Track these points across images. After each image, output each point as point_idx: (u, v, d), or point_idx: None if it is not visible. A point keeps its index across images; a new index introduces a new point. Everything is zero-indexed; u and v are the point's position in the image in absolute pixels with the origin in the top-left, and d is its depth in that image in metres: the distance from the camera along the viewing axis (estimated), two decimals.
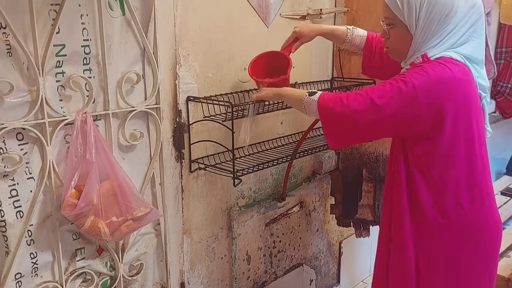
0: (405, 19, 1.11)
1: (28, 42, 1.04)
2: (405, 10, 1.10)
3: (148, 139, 1.34)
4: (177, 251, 1.48)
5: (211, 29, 1.46)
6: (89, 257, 1.26)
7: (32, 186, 1.12)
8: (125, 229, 1.19)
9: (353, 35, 1.39)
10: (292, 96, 1.27)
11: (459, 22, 1.09)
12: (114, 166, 1.17)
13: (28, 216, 1.11)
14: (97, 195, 1.12)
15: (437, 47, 1.10)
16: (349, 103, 1.09)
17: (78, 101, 1.16)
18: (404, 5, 1.09)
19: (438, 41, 1.10)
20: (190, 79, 1.42)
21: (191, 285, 1.57)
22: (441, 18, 1.08)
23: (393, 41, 1.17)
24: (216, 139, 1.51)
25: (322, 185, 2.08)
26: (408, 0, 1.09)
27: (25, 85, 1.06)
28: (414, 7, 1.08)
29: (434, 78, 1.05)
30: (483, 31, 1.14)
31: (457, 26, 1.09)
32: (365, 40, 1.40)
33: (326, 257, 2.22)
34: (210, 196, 1.57)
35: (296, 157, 1.66)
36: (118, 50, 1.21)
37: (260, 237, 1.81)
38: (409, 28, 1.11)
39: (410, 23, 1.10)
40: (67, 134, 1.16)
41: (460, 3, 1.08)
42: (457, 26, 1.09)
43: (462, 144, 1.11)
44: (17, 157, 1.07)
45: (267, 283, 1.88)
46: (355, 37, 1.39)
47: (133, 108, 1.26)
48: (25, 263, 1.13)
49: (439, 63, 1.08)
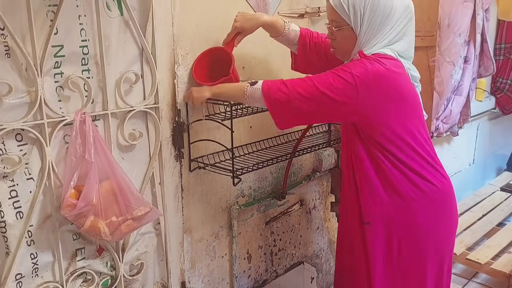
0: (351, 22, 1.21)
1: (26, 43, 1.05)
2: (351, 13, 1.19)
3: (148, 139, 1.34)
4: (177, 250, 1.49)
5: (209, 29, 1.46)
6: (90, 257, 1.26)
7: (32, 186, 1.12)
8: (125, 229, 1.19)
9: (289, 29, 1.42)
10: (231, 90, 1.31)
11: (396, 21, 1.20)
12: (113, 166, 1.17)
13: (28, 216, 1.12)
14: (96, 195, 1.12)
15: (376, 46, 1.21)
16: (294, 88, 1.18)
17: (77, 101, 1.17)
18: (350, 8, 1.19)
19: (378, 40, 1.21)
20: (188, 78, 1.42)
21: (192, 284, 1.57)
22: (382, 19, 1.19)
23: (340, 42, 1.26)
24: (215, 138, 1.51)
25: (322, 183, 2.09)
26: (354, 4, 1.19)
27: (23, 86, 1.07)
28: (359, 10, 1.19)
29: (372, 72, 1.16)
30: (413, 30, 1.26)
31: (394, 26, 1.21)
32: (298, 35, 1.43)
33: (327, 254, 2.22)
34: (210, 195, 1.58)
35: (295, 155, 1.66)
36: (117, 50, 1.21)
37: (260, 236, 1.81)
38: (354, 30, 1.22)
39: (355, 25, 1.21)
40: (66, 135, 1.16)
41: (397, 4, 1.20)
42: (394, 26, 1.21)
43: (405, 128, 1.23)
44: (16, 158, 1.07)
45: (268, 281, 1.88)
46: (291, 31, 1.42)
47: (132, 108, 1.26)
48: (25, 263, 1.14)
49: (374, 59, 1.18)
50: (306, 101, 1.18)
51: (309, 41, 1.42)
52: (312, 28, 1.85)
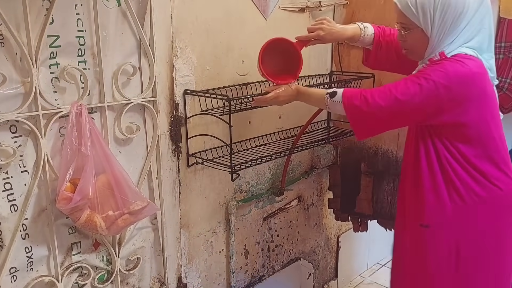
0: (420, 24, 1.17)
1: (20, 33, 1.02)
2: (420, 15, 1.16)
3: (145, 133, 1.32)
4: (174, 245, 1.47)
5: (209, 21, 1.44)
6: (85, 251, 1.25)
7: (27, 179, 1.10)
8: (122, 223, 1.17)
9: (365, 35, 1.42)
10: (313, 101, 1.35)
11: (470, 19, 1.16)
12: (110, 159, 1.15)
13: (22, 209, 1.10)
14: (92, 189, 1.10)
15: (452, 44, 1.17)
16: (374, 101, 1.18)
17: (73, 93, 1.14)
18: (418, 10, 1.15)
19: (453, 39, 1.17)
20: (187, 71, 1.40)
21: (189, 279, 1.56)
22: (454, 18, 1.15)
23: (411, 44, 1.24)
24: (214, 133, 1.50)
25: (320, 180, 2.08)
26: (422, 5, 1.15)
27: (18, 76, 1.04)
28: (428, 12, 1.15)
29: (453, 75, 1.13)
30: (491, 23, 1.21)
31: (469, 23, 1.16)
32: (373, 38, 1.43)
33: (324, 251, 2.22)
34: (207, 191, 1.56)
35: (294, 152, 1.65)
36: (114, 41, 1.19)
37: (258, 232, 1.80)
38: (425, 31, 1.18)
39: (426, 27, 1.17)
40: (61, 127, 1.14)
41: (470, 2, 1.15)
42: (469, 23, 1.16)
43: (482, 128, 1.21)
44: (10, 150, 1.05)
45: (265, 277, 1.87)
46: (366, 37, 1.42)
47: (129, 101, 1.24)
48: (20, 257, 1.12)
49: (456, 60, 1.15)
50: (389, 113, 1.18)
51: (382, 40, 1.42)
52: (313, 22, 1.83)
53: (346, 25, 1.42)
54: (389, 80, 1.81)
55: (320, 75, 1.88)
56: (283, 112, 1.78)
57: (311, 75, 1.83)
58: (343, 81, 1.67)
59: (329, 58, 1.95)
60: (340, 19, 1.90)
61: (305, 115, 1.77)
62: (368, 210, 1.98)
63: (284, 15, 1.68)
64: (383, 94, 1.18)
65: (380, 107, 1.17)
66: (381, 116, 1.19)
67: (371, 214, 1.98)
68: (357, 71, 1.86)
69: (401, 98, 1.15)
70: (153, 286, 1.44)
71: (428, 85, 1.13)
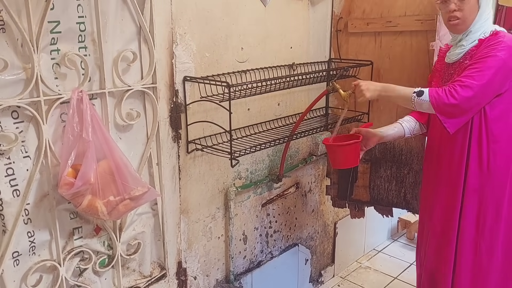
0: None
1: (22, 18, 1.02)
2: None
3: (145, 119, 1.33)
4: (174, 230, 1.49)
5: (208, 8, 1.43)
6: (87, 236, 1.26)
7: (29, 165, 1.11)
8: (123, 209, 1.19)
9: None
10: (399, 98, 1.42)
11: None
12: (111, 145, 1.16)
13: (24, 195, 1.11)
14: (94, 174, 1.11)
15: (488, 21, 1.35)
16: (460, 95, 1.30)
17: (74, 79, 1.15)
18: None
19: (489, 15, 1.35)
20: (186, 58, 1.41)
21: (188, 264, 1.58)
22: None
23: (466, 13, 1.35)
24: (213, 120, 1.50)
25: (318, 167, 2.09)
26: None
27: (19, 62, 1.04)
28: None
29: None
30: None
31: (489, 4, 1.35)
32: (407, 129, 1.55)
33: (321, 237, 2.25)
34: (207, 177, 1.57)
35: (293, 138, 1.66)
36: (114, 27, 1.19)
37: (256, 217, 1.82)
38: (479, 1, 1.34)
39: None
40: (63, 113, 1.14)
41: None
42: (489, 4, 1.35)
43: None
44: (12, 136, 1.06)
45: (263, 262, 1.90)
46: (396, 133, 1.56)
47: (129, 87, 1.25)
48: (22, 241, 1.13)
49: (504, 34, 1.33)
50: (475, 101, 1.31)
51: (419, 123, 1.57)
52: (312, 10, 1.83)
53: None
54: (387, 68, 1.83)
55: (319, 63, 1.89)
56: (281, 99, 1.78)
57: (310, 62, 1.83)
58: (342, 69, 1.68)
59: (327, 45, 1.95)
60: (339, 6, 1.89)
61: (304, 102, 1.78)
62: (365, 196, 2.00)
63: (283, 2, 1.67)
64: (464, 87, 1.29)
65: (468, 99, 1.30)
66: (470, 106, 1.31)
67: (368, 201, 2.01)
68: (355, 58, 1.86)
69: (479, 82, 1.28)
70: (153, 271, 1.47)
71: (496, 61, 1.28)
